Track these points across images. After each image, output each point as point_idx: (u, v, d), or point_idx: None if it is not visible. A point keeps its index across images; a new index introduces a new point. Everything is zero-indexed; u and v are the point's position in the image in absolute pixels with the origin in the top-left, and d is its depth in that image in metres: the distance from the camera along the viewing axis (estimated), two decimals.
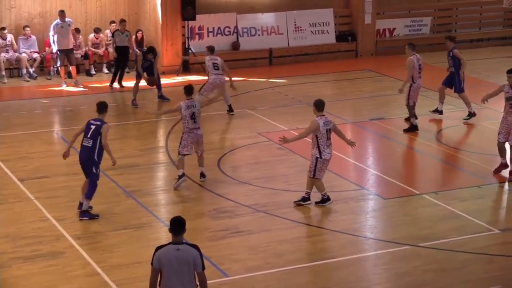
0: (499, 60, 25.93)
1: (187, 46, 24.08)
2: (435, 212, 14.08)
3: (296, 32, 25.78)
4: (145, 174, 15.93)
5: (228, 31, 25.18)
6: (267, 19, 25.65)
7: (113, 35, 22.93)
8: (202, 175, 15.45)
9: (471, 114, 19.24)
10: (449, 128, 18.96)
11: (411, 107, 18.48)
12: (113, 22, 24.02)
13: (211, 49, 19.70)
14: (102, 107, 13.79)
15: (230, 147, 17.59)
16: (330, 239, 13.07)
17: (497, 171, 15.73)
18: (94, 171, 13.52)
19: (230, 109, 19.74)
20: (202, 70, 23.66)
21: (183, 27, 24.21)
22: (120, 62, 22.61)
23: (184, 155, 15.18)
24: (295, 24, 25.76)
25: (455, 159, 16.81)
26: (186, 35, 24.20)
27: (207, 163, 16.19)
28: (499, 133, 15.76)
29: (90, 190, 13.57)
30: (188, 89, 15.31)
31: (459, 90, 19.34)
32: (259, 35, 25.43)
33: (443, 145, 17.69)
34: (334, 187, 15.15)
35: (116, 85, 22.48)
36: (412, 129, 18.38)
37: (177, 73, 23.66)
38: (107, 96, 21.21)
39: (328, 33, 26.11)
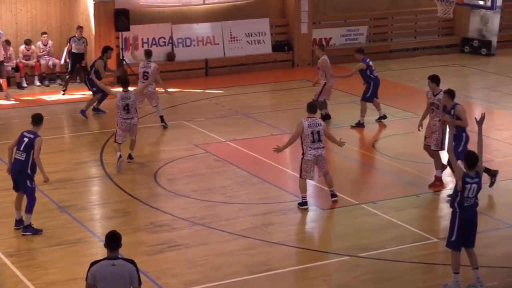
0: (435, 69, 26.27)
1: (121, 58, 23.95)
2: (374, 222, 14.24)
3: (232, 42, 25.85)
4: (80, 188, 15.79)
5: (163, 42, 25.13)
6: (202, 29, 25.66)
7: (69, 41, 22.86)
8: (130, 157, 16.94)
9: (360, 124, 19.68)
10: (387, 138, 19.21)
11: (320, 102, 19.38)
12: (44, 33, 23.79)
13: (148, 53, 19.67)
14: (37, 119, 13.62)
15: (167, 159, 17.53)
16: (269, 251, 13.11)
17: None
18: (29, 184, 13.36)
19: (162, 121, 19.63)
20: (137, 82, 23.58)
21: (117, 38, 24.08)
22: (74, 69, 22.61)
23: (119, 143, 16.59)
24: (231, 34, 25.83)
25: (393, 168, 17.02)
26: (120, 46, 24.07)
27: (143, 176, 16.15)
28: (425, 137, 15.99)
29: (29, 204, 13.41)
30: (123, 81, 16.98)
31: (364, 99, 19.78)
32: (194, 45, 25.43)
33: (381, 154, 17.91)
34: (273, 198, 15.21)
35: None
36: (326, 118, 19.61)
37: (111, 84, 23.48)
38: (40, 108, 20.94)
39: (264, 43, 26.23)
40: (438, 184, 15.91)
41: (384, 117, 20.06)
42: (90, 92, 20.92)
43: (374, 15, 28.39)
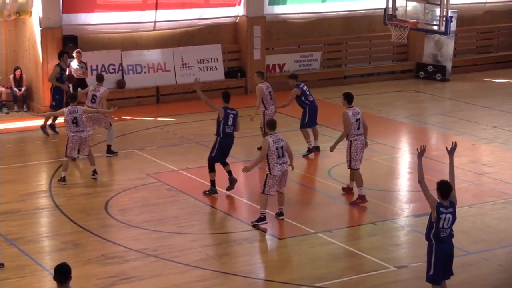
0: (390, 95, 26.74)
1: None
2: (331, 251, 14.33)
3: (183, 69, 25.92)
4: (28, 220, 15.65)
5: (112, 69, 25.11)
6: (153, 55, 25.70)
7: (69, 65, 22.83)
8: (94, 172, 17.79)
9: (310, 151, 19.85)
10: (343, 165, 19.32)
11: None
12: None
13: (99, 78, 19.75)
14: None
15: (118, 189, 17.47)
16: (223, 282, 13.11)
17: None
18: None
19: (109, 150, 19.54)
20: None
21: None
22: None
23: (70, 158, 17.56)
24: (183, 61, 25.91)
25: (350, 197, 17.14)
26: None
27: (94, 206, 16.08)
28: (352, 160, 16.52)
29: None
30: (72, 96, 18.00)
31: (303, 126, 19.98)
32: (145, 72, 25.45)
33: (337, 182, 18.05)
34: (227, 228, 15.23)
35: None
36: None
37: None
38: None
39: (216, 69, 26.36)
40: (359, 202, 16.46)
41: (316, 149, 20.00)
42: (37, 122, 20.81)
43: (328, 41, 28.70)
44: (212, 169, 16.89)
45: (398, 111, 24.52)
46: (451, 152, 11.81)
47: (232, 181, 16.98)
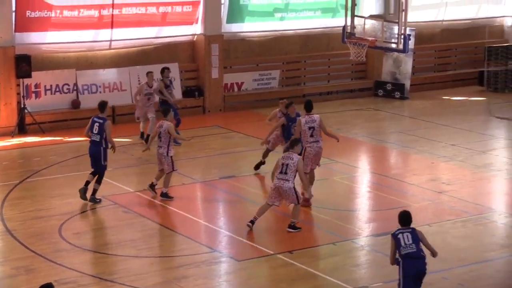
0: (349, 113, 26.84)
1: (22, 106, 23.58)
2: (291, 273, 14.27)
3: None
4: None
5: (67, 89, 24.87)
6: (108, 75, 25.53)
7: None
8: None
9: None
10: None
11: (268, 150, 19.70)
12: None
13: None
14: None
15: (73, 212, 17.25)
16: None
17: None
18: None
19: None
20: (40, 131, 23.29)
21: (18, 85, 23.72)
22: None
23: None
24: (139, 80, 25.75)
25: (309, 216, 17.13)
26: (22, 94, 23.70)
27: (47, 230, 15.87)
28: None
29: None
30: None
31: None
32: (100, 92, 25.25)
33: None
34: (185, 250, 15.11)
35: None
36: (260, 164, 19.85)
37: (11, 134, 23.12)
38: None
39: (174, 88, 26.21)
40: (307, 204, 17.08)
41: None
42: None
43: (286, 59, 28.76)
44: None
45: (357, 130, 24.61)
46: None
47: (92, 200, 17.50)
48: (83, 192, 17.51)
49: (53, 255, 14.83)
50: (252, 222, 16.00)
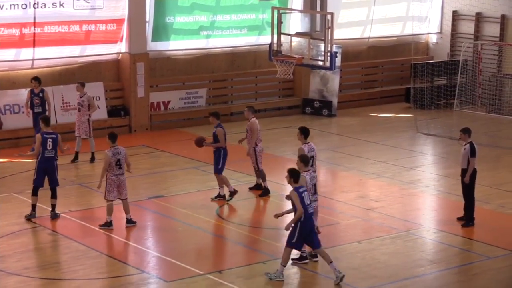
0: (277, 131, 26.98)
1: None
2: None
3: (64, 108, 25.49)
4: None
5: None
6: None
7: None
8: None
9: (232, 193, 19.37)
10: (230, 203, 19.35)
11: (262, 171, 19.71)
12: None
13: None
14: None
15: None
16: None
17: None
18: None
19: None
20: None
21: None
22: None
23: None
24: (63, 100, 25.51)
25: (238, 235, 17.15)
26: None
27: None
28: None
29: None
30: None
31: (217, 171, 19.45)
32: (23, 112, 24.92)
33: (225, 221, 18.03)
34: (112, 272, 14.98)
35: None
36: (266, 192, 19.83)
37: None
38: None
39: (99, 108, 26.03)
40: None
41: (224, 197, 19.50)
42: None
43: (213, 77, 28.84)
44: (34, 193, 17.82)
45: (286, 148, 24.76)
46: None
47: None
48: (32, 217, 17.67)
49: None
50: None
